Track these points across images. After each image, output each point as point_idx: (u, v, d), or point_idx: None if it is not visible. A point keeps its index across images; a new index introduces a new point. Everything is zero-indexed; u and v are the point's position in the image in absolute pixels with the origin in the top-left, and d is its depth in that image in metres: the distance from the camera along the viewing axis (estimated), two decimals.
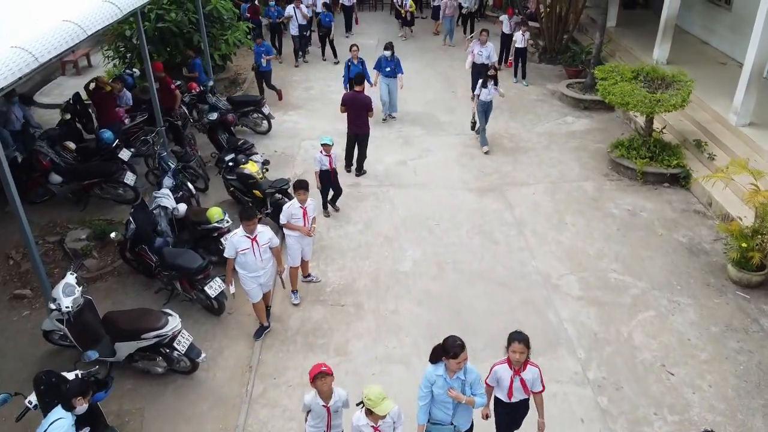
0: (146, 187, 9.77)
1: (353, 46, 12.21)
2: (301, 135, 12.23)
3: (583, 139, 11.85)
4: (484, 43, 12.60)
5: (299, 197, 7.13)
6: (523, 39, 14.07)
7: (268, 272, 6.67)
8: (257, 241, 6.39)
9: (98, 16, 7.11)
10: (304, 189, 7.15)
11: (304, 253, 7.50)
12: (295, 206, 7.17)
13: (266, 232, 6.53)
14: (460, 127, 12.48)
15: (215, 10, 13.38)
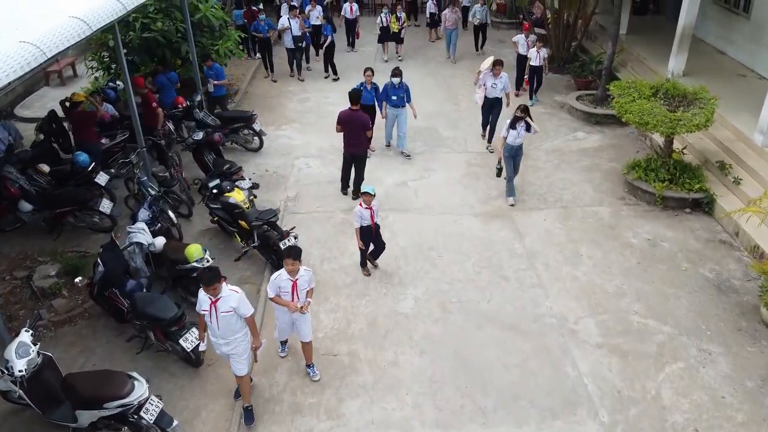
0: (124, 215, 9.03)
1: (367, 70, 10.74)
2: (294, 152, 11.48)
3: (596, 157, 11.10)
4: (498, 75, 10.87)
5: (288, 267, 5.74)
6: (538, 57, 12.87)
7: (233, 344, 5.55)
8: (216, 306, 5.33)
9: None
10: (294, 258, 5.72)
11: (298, 331, 6.15)
12: (282, 278, 5.80)
13: (232, 297, 5.37)
14: (463, 143, 11.74)
15: (205, 19, 12.63)
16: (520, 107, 9.20)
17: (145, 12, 12.09)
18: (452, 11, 15.84)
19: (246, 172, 10.46)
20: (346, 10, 16.52)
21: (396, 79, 10.60)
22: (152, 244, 7.13)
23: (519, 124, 9.09)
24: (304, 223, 9.16)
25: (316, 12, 15.84)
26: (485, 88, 11.01)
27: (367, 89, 10.57)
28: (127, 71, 8.76)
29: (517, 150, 9.35)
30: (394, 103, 10.72)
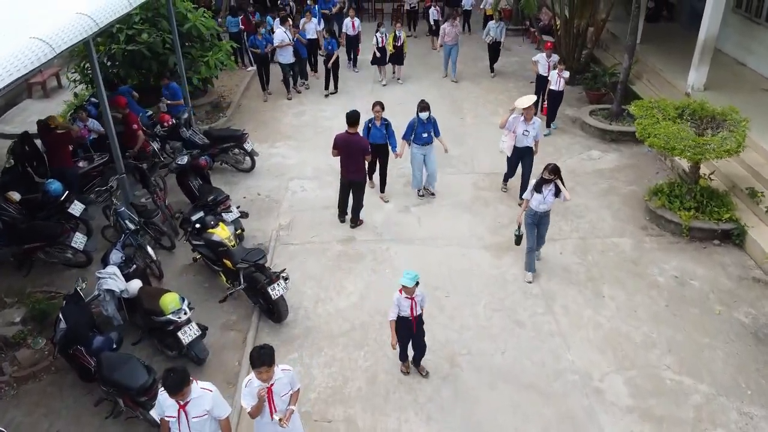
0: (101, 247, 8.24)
1: (376, 105, 9.09)
2: (289, 172, 10.70)
3: (613, 179, 10.32)
4: (531, 120, 8.93)
5: (259, 376, 4.50)
6: (559, 81, 11.57)
7: None
8: (186, 410, 4.39)
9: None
10: (266, 365, 4.46)
11: None
12: (254, 385, 4.56)
13: (205, 398, 4.46)
14: (470, 163, 10.96)
15: (194, 29, 11.86)
16: (548, 167, 7.39)
17: (130, 22, 11.35)
18: (452, 25, 14.26)
19: (236, 195, 9.77)
20: (347, 26, 15.12)
21: (424, 114, 9.06)
22: (125, 291, 6.36)
23: (546, 187, 7.38)
24: (297, 255, 8.38)
25: (312, 25, 14.67)
26: (513, 135, 9.01)
27: (376, 126, 9.12)
28: (102, 88, 7.98)
29: (542, 217, 7.60)
30: (424, 140, 9.21)
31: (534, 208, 7.51)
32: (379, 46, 14.05)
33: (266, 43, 13.53)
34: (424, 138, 9.18)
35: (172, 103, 10.83)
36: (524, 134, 8.91)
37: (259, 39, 13.51)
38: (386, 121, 9.20)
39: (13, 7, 7.29)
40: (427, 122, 9.13)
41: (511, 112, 8.99)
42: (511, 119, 8.94)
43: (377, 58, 14.34)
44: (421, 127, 9.12)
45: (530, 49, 17.45)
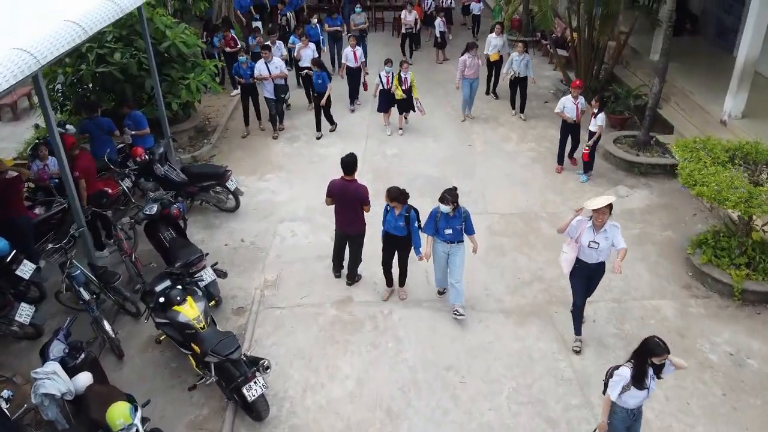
0: (58, 312, 7.04)
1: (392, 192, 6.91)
2: (278, 212, 9.47)
3: (645, 222, 9.10)
4: (601, 226, 6.13)
5: None
6: (595, 121, 9.79)
7: None
8: None
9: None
10: None
11: None
12: None
13: None
14: (482, 200, 9.73)
15: (173, 48, 10.63)
16: (659, 345, 4.82)
17: (101, 41, 10.13)
18: (473, 56, 11.96)
19: (216, 242, 8.58)
20: (348, 57, 12.68)
21: (446, 207, 6.67)
22: (68, 393, 5.14)
23: (649, 378, 4.83)
24: (284, 323, 7.16)
25: (309, 51, 12.58)
26: (577, 246, 6.28)
27: (394, 214, 7.02)
28: (53, 126, 6.75)
29: (637, 416, 5.12)
30: (447, 237, 6.89)
31: (624, 405, 4.93)
32: (384, 87, 11.61)
33: (251, 72, 11.53)
34: (447, 235, 6.89)
35: (137, 133, 9.54)
36: (592, 246, 6.19)
37: (243, 68, 11.43)
38: (408, 212, 6.95)
39: None
40: (454, 216, 6.79)
41: (575, 213, 6.40)
42: (575, 223, 6.27)
43: (382, 102, 11.82)
44: (444, 221, 6.81)
45: (542, 63, 16.28)
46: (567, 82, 14.02)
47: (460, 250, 7.00)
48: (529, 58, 12.18)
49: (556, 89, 14.14)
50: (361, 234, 7.51)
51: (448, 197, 6.71)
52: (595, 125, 9.79)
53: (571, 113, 10.04)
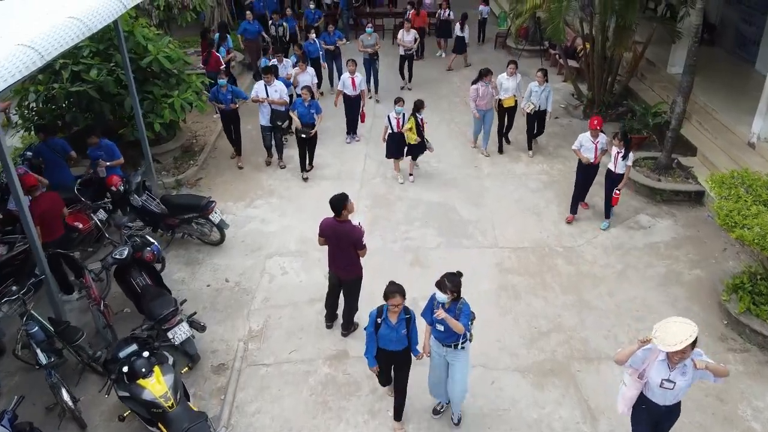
0: (17, 370, 6.20)
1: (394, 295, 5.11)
2: (267, 246, 8.64)
3: (671, 258, 8.26)
4: (677, 362, 4.48)
5: None
6: (617, 159, 8.37)
7: None
8: None
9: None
10: None
11: None
12: None
13: None
14: (491, 232, 8.89)
15: (156, 63, 9.79)
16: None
17: (77, 57, 9.31)
18: (486, 84, 10.35)
19: (198, 282, 7.77)
20: (345, 84, 11.05)
21: (443, 296, 5.05)
22: None
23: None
24: (270, 384, 6.33)
25: (308, 77, 11.24)
26: (642, 384, 4.70)
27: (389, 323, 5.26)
28: (10, 166, 5.93)
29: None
30: (441, 336, 5.29)
31: None
32: (394, 131, 9.87)
33: (232, 97, 10.13)
34: (440, 333, 5.25)
35: (113, 164, 8.61)
36: (664, 386, 4.56)
37: (222, 92, 10.06)
38: (406, 315, 5.29)
39: None
40: (449, 308, 5.14)
41: (640, 344, 4.55)
42: (640, 353, 4.58)
43: (391, 147, 10.03)
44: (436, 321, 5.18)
45: (550, 75, 15.13)
46: (578, 95, 13.21)
47: (460, 358, 5.32)
48: (550, 90, 10.58)
49: (567, 103, 13.31)
50: (357, 280, 6.66)
51: (447, 284, 5.03)
52: (623, 166, 8.38)
53: (590, 154, 8.65)
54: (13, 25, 6.33)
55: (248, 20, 14.15)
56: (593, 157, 8.65)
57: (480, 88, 10.39)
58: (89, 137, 8.46)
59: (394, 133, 9.77)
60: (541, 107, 10.61)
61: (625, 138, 8.32)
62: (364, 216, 9.34)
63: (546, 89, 10.49)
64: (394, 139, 9.86)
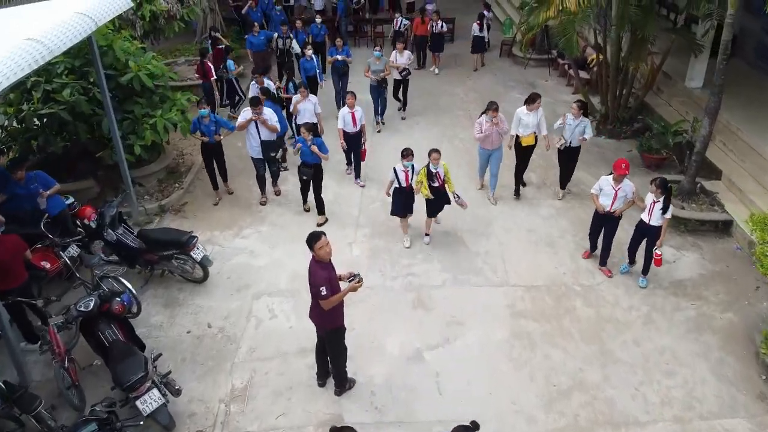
0: None
1: None
2: (256, 283, 7.87)
3: (701, 299, 7.49)
4: None
5: None
6: (653, 209, 7.18)
7: None
8: None
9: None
10: None
11: None
12: None
13: None
14: (501, 267, 8.12)
15: (136, 81, 9.03)
16: None
17: (50, 74, 8.55)
18: (492, 119, 8.72)
19: (178, 328, 7.08)
20: (345, 121, 9.54)
21: None
22: None
23: None
24: None
25: (310, 105, 9.91)
26: None
27: None
28: None
29: None
30: None
31: None
32: (402, 185, 8.16)
33: (216, 128, 9.04)
34: None
35: (53, 191, 7.61)
36: None
37: (204, 123, 8.88)
38: None
39: None
40: None
41: None
42: None
43: (397, 204, 8.32)
44: None
45: (559, 86, 14.66)
46: (591, 111, 12.40)
47: None
48: (587, 123, 8.84)
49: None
50: (333, 333, 5.78)
51: None
52: (660, 218, 7.15)
53: (607, 201, 7.47)
54: None
55: (253, 33, 13.35)
56: (609, 206, 7.47)
57: (483, 124, 8.85)
58: (14, 172, 7.30)
59: (401, 187, 8.15)
60: (573, 143, 9.01)
61: (665, 187, 7.06)
62: (362, 247, 8.60)
63: (582, 123, 8.82)
64: (402, 195, 8.18)
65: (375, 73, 11.37)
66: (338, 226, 8.96)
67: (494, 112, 8.71)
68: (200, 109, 8.85)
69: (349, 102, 9.50)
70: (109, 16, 7.13)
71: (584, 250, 8.29)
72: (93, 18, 6.72)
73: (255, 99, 9.06)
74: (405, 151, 8.06)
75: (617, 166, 7.33)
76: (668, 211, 7.14)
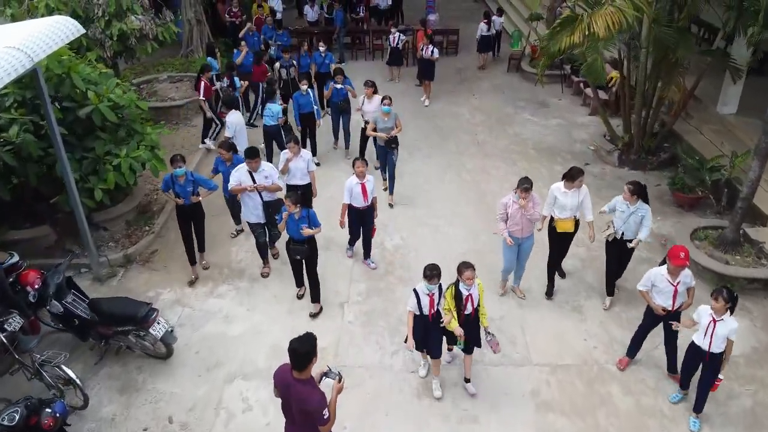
0: None
1: None
2: (228, 360, 6.66)
3: (757, 382, 6.31)
4: None
5: None
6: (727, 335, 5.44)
7: None
8: None
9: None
10: None
11: None
12: None
13: None
14: (520, 340, 6.91)
15: (97, 115, 7.83)
16: None
17: None
18: (521, 200, 6.69)
19: (133, 421, 6.01)
20: (354, 194, 7.52)
21: None
22: None
23: None
24: None
25: (302, 164, 8.08)
26: None
27: None
28: None
29: None
30: None
31: None
32: (424, 313, 5.82)
33: (194, 188, 7.46)
34: None
35: None
36: None
37: (179, 182, 7.36)
38: None
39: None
40: None
41: None
42: None
43: (418, 331, 5.92)
44: None
45: (573, 105, 13.49)
46: (611, 136, 11.22)
47: None
48: (646, 212, 6.69)
49: (597, 146, 11.32)
50: None
51: None
52: (723, 340, 5.41)
53: (664, 300, 5.88)
54: None
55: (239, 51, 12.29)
56: (671, 305, 5.86)
57: (511, 205, 6.80)
58: None
59: (423, 315, 5.83)
60: (626, 235, 6.87)
61: (732, 298, 5.29)
62: (356, 310, 7.40)
63: (639, 211, 6.67)
64: (423, 325, 5.87)
65: (383, 131, 9.13)
66: (328, 279, 7.70)
67: (525, 192, 6.60)
68: (175, 168, 7.28)
69: (359, 171, 7.43)
70: (50, 49, 5.96)
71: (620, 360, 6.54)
72: (27, 53, 5.52)
73: (252, 151, 7.41)
74: (430, 270, 5.63)
75: (674, 256, 5.66)
76: (733, 329, 5.37)
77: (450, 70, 15.30)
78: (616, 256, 7.09)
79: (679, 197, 9.27)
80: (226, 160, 7.95)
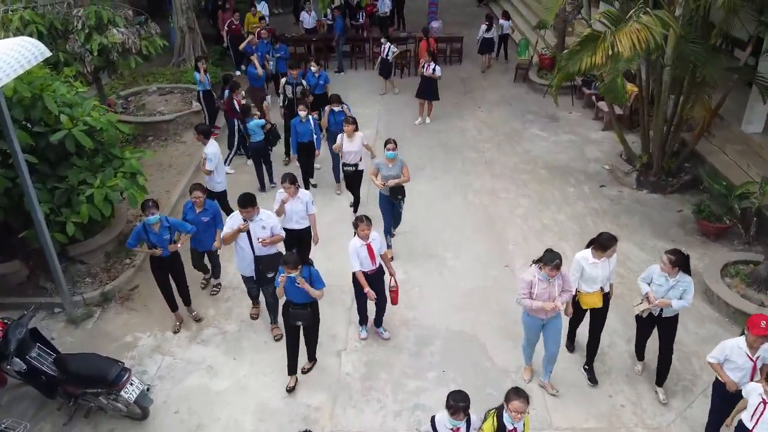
0: None
1: None
2: (210, 424, 5.95)
3: None
4: None
5: None
6: None
7: None
8: None
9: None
10: None
11: None
12: None
13: None
14: (539, 398, 6.16)
15: (69, 140, 7.11)
16: None
17: None
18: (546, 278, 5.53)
19: None
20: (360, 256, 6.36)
21: None
22: None
23: None
24: None
25: (300, 206, 7.11)
26: None
27: None
28: None
29: None
30: None
31: None
32: None
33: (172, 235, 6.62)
34: None
35: None
36: None
37: (154, 230, 6.47)
38: None
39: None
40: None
41: None
42: None
43: None
44: None
45: (584, 119, 12.76)
46: (628, 155, 10.50)
47: None
48: (687, 285, 5.60)
49: (613, 165, 10.61)
50: None
51: None
52: None
53: (740, 376, 5.01)
54: None
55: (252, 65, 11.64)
56: (748, 379, 4.93)
57: (537, 283, 5.60)
58: None
59: None
60: (665, 312, 5.82)
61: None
62: (355, 359, 6.69)
63: (680, 285, 5.59)
64: None
65: (386, 179, 7.81)
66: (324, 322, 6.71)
67: (554, 270, 5.43)
68: (147, 216, 6.36)
69: (362, 233, 6.28)
70: (7, 77, 5.22)
71: None
72: None
73: (248, 198, 6.32)
74: (454, 400, 4.43)
75: (754, 324, 4.81)
76: None
77: (454, 80, 14.62)
78: (647, 328, 6.06)
79: (704, 226, 8.56)
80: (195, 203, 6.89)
